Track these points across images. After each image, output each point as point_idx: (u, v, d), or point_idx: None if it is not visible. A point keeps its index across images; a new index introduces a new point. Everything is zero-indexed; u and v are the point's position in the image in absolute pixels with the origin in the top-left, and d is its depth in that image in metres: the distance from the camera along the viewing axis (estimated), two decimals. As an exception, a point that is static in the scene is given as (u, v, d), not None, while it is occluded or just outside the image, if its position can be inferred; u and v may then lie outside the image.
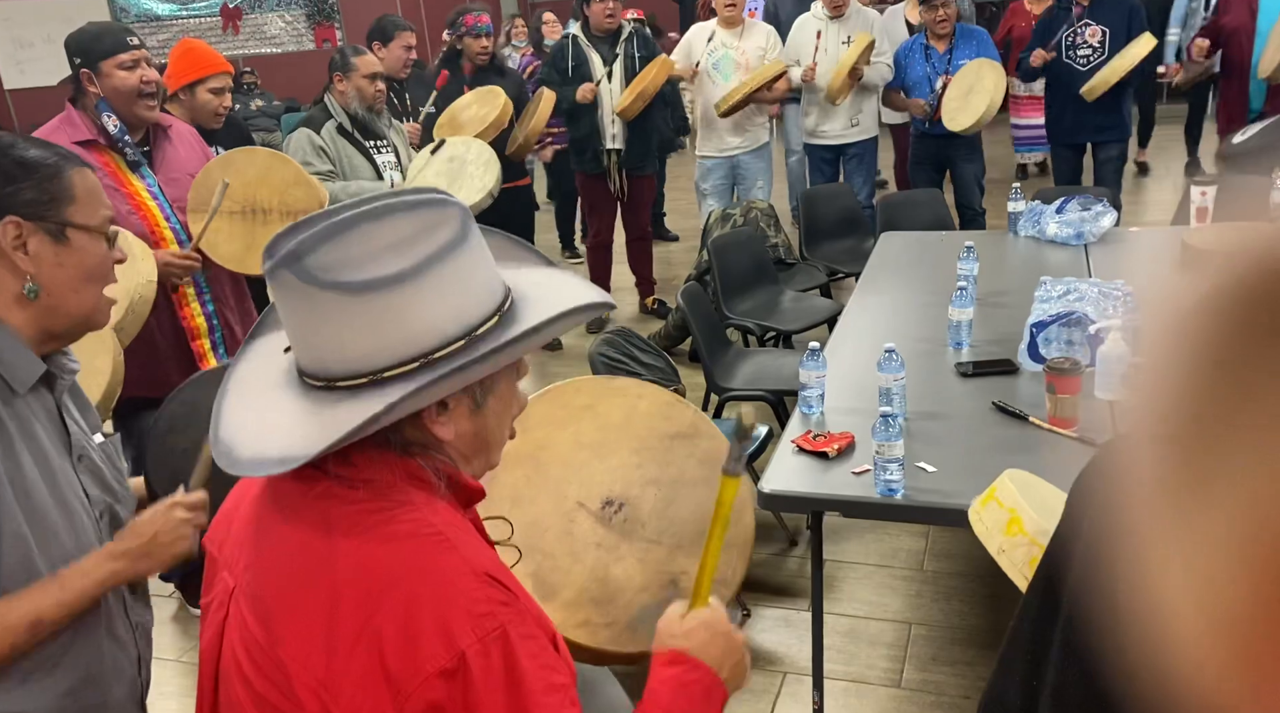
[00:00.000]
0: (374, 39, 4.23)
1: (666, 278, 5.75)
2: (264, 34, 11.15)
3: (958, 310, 2.84)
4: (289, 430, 0.93)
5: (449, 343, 0.92)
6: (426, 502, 0.95)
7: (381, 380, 0.91)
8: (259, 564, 0.98)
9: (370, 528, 0.92)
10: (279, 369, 1.00)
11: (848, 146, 5.22)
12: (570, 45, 4.86)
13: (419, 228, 0.91)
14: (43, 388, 1.31)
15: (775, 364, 3.68)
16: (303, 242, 0.90)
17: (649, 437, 1.83)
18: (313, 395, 0.94)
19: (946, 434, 2.38)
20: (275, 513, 0.98)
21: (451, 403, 0.96)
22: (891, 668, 2.65)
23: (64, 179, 1.29)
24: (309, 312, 0.91)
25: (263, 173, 2.80)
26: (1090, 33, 4.85)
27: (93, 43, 2.59)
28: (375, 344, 0.90)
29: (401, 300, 0.89)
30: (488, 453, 1.04)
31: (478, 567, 0.92)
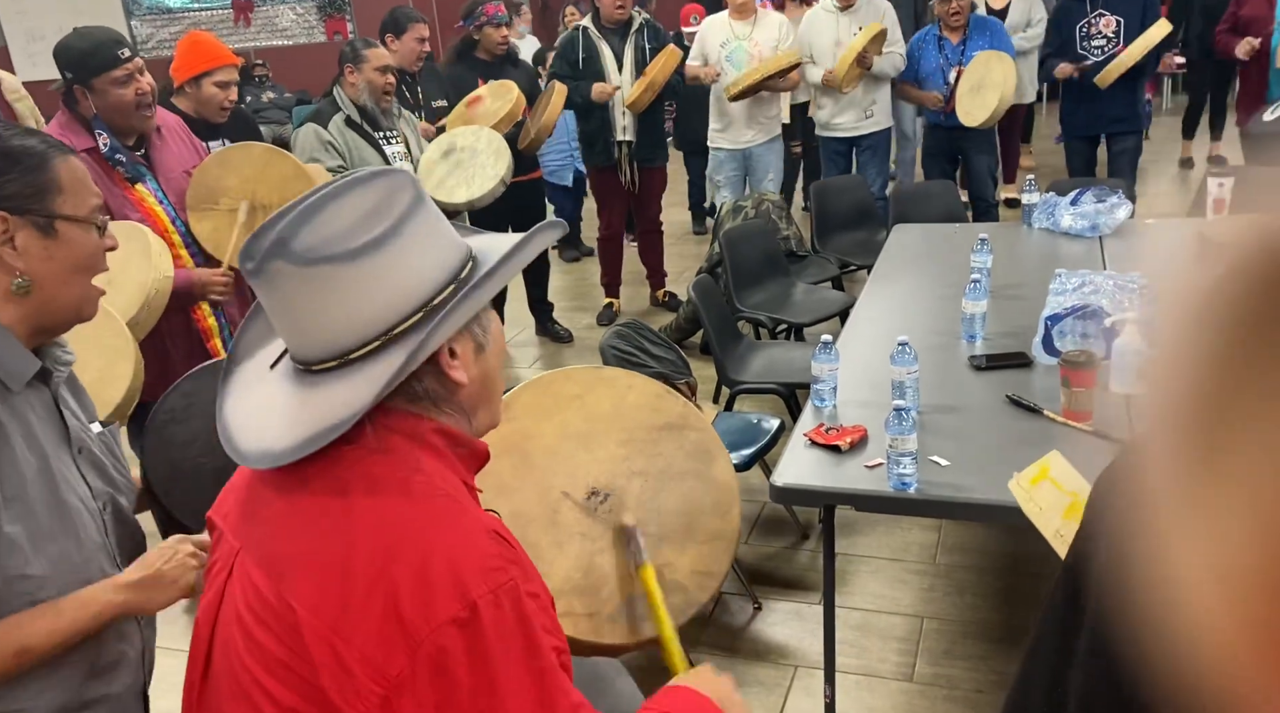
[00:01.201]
0: (387, 31, 4.22)
1: (678, 271, 5.74)
2: (275, 26, 11.15)
3: (971, 303, 2.82)
4: (315, 410, 0.96)
5: (442, 288, 0.98)
6: (436, 469, 0.98)
7: (394, 337, 0.96)
8: (269, 524, 1.00)
9: (386, 488, 0.95)
10: (274, 379, 1.03)
11: (861, 138, 5.19)
12: (580, 37, 4.85)
13: (381, 195, 0.97)
14: (38, 382, 1.29)
15: (787, 357, 3.67)
16: (282, 230, 0.93)
17: (637, 428, 1.82)
18: (325, 378, 0.97)
19: (960, 428, 2.37)
20: (287, 479, 1.00)
21: (459, 348, 1.01)
22: (903, 662, 2.64)
23: (49, 169, 1.26)
24: (308, 294, 0.94)
25: (260, 169, 2.78)
26: (1105, 23, 4.81)
27: (84, 58, 2.52)
28: (380, 304, 0.95)
29: (392, 258, 0.95)
30: (494, 401, 1.09)
31: (488, 525, 0.96)
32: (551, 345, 5.13)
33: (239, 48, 10.37)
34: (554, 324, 5.19)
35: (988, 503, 2.09)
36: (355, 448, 0.97)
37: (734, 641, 2.79)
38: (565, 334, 5.15)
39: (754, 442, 3.05)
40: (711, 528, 1.78)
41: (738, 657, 2.72)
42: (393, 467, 0.96)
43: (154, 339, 2.48)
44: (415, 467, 0.97)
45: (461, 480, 1.02)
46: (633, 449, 1.81)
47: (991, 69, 4.62)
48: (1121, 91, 4.76)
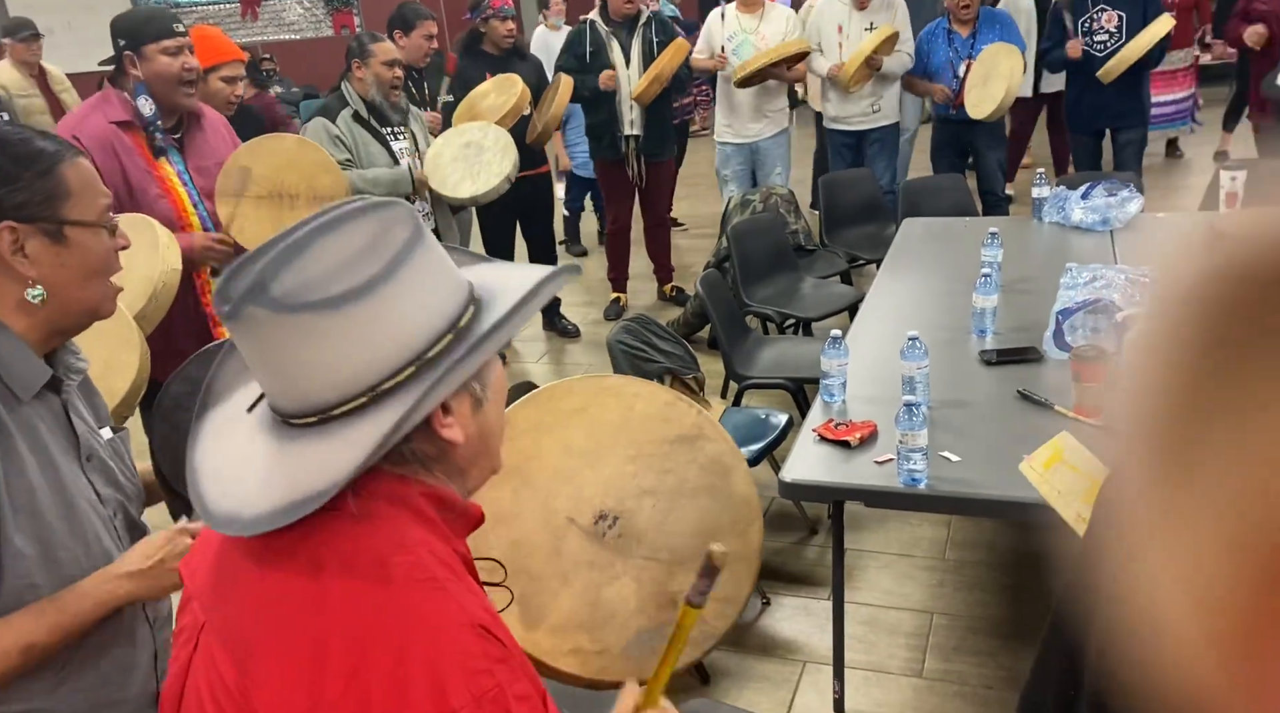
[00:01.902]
0: (395, 28, 4.21)
1: (685, 265, 5.73)
2: (282, 20, 11.15)
3: (982, 297, 2.81)
4: (290, 474, 0.86)
5: (439, 339, 0.87)
6: (424, 541, 0.88)
7: (381, 394, 0.86)
8: (236, 601, 0.91)
9: (362, 570, 0.85)
10: (248, 428, 0.93)
11: (869, 132, 5.17)
12: (588, 31, 4.83)
13: (374, 232, 0.86)
14: (48, 391, 1.28)
15: (795, 352, 3.66)
16: (262, 272, 0.84)
17: (646, 441, 1.71)
18: (304, 435, 0.87)
19: (970, 423, 2.35)
20: (258, 548, 0.91)
21: (454, 404, 0.91)
22: (913, 658, 2.63)
23: (56, 175, 1.24)
24: (287, 344, 0.84)
25: (291, 158, 2.83)
26: (1106, 18, 4.78)
27: (140, 26, 2.61)
28: (367, 357, 0.85)
29: (382, 305, 0.85)
30: (492, 454, 0.99)
31: (474, 618, 0.85)
32: (558, 340, 5.12)
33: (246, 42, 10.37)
34: (561, 319, 5.18)
35: (998, 499, 2.08)
36: (333, 516, 0.87)
37: (742, 636, 2.78)
38: (573, 329, 5.14)
39: (762, 437, 3.04)
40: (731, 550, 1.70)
41: (746, 652, 2.72)
42: (373, 541, 0.87)
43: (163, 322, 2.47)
44: (399, 542, 0.87)
45: (453, 550, 0.92)
46: (642, 465, 1.70)
47: (999, 61, 4.60)
48: (1125, 85, 4.73)
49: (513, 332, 0.93)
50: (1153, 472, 0.32)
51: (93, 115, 2.59)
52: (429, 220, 3.72)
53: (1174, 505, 0.32)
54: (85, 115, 2.63)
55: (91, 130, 2.55)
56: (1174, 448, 0.32)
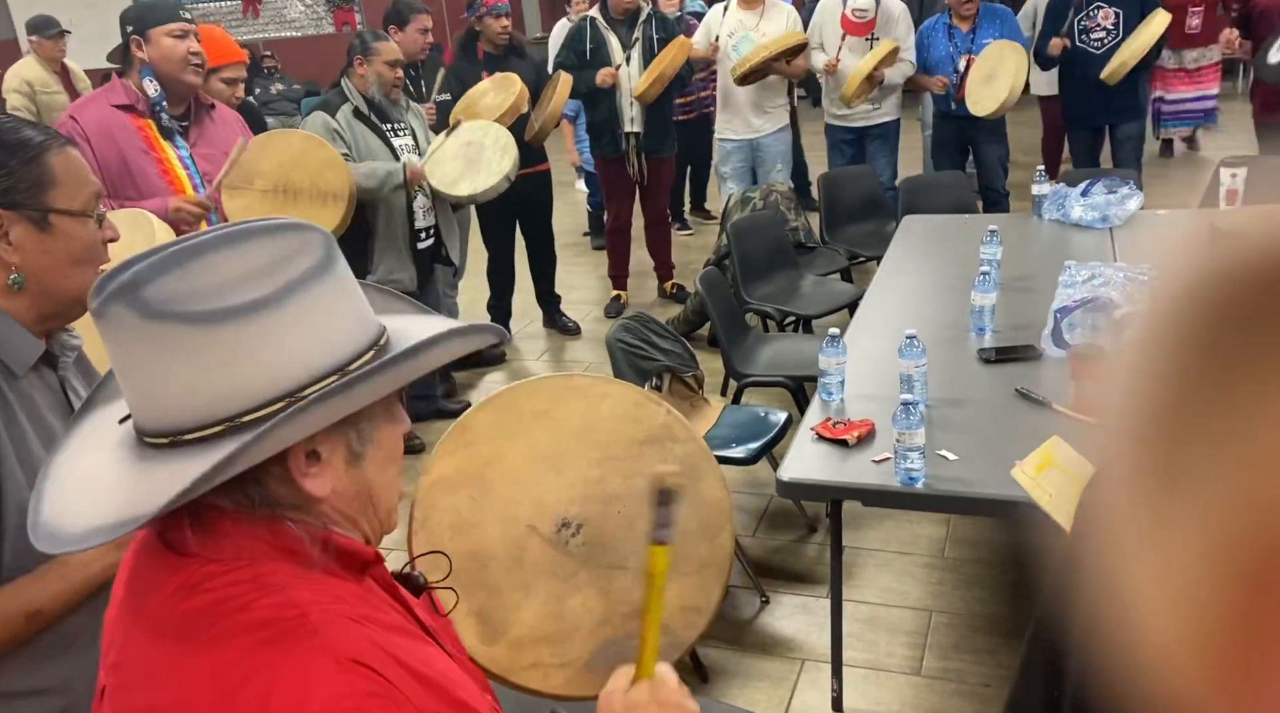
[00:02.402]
0: (390, 22, 4.21)
1: (685, 262, 5.72)
2: (284, 18, 11.15)
3: (980, 295, 2.80)
4: (128, 495, 0.80)
5: (318, 379, 0.79)
6: (296, 578, 0.81)
7: (239, 425, 0.77)
8: (121, 667, 0.86)
9: (224, 618, 0.79)
10: (114, 439, 0.87)
11: (870, 128, 5.16)
12: (588, 27, 4.82)
13: (277, 254, 0.79)
14: (45, 367, 1.31)
15: (795, 349, 3.65)
16: (140, 271, 0.77)
17: (613, 444, 1.61)
18: (155, 455, 0.81)
19: (968, 422, 2.35)
20: (137, 607, 0.85)
21: (325, 451, 0.82)
22: (911, 656, 2.63)
23: (43, 163, 1.24)
24: (148, 352, 0.78)
25: (299, 154, 2.89)
26: (1102, 15, 4.77)
27: (147, 12, 2.69)
28: (230, 385, 0.77)
29: (259, 331, 0.77)
30: (377, 513, 0.90)
31: (343, 652, 0.77)
32: (559, 337, 5.12)
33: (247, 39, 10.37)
34: (561, 316, 5.18)
35: (996, 497, 2.08)
36: (196, 560, 0.81)
37: (741, 634, 2.78)
38: (573, 326, 5.14)
39: (761, 435, 3.04)
40: (699, 556, 1.59)
41: (745, 650, 2.72)
42: (234, 587, 0.80)
43: None
44: (261, 585, 0.80)
45: (335, 579, 0.85)
46: (609, 469, 1.61)
47: (1005, 59, 4.58)
48: (1121, 82, 4.72)
49: (397, 383, 0.84)
50: (1140, 472, 0.32)
51: (95, 100, 2.68)
52: (429, 216, 3.72)
53: (1161, 507, 0.32)
54: (87, 101, 2.73)
55: (91, 113, 2.62)
56: (1162, 449, 0.32)
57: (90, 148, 2.55)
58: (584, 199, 6.64)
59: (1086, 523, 0.36)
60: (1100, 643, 0.34)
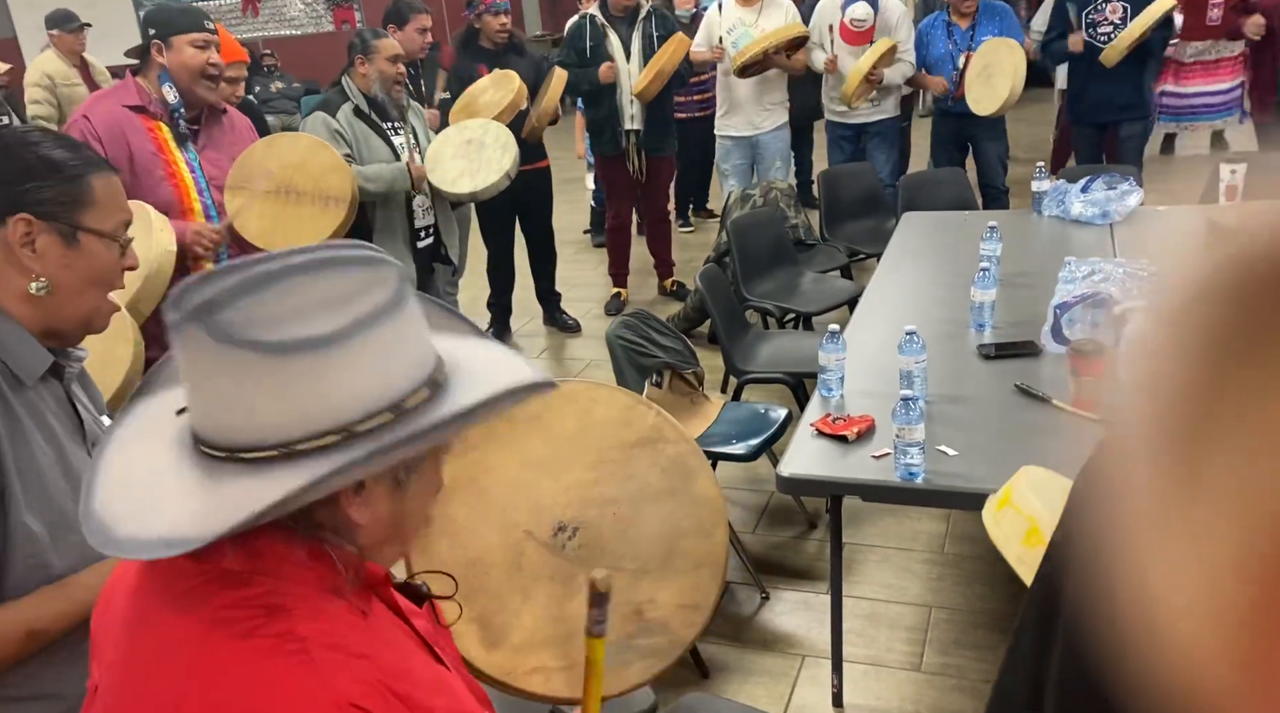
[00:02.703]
0: (389, 21, 4.21)
1: (686, 260, 5.73)
2: (283, 16, 11.15)
3: (980, 292, 2.81)
4: (179, 506, 0.81)
5: (373, 415, 0.81)
6: (310, 604, 0.83)
7: (293, 454, 0.79)
8: (122, 666, 0.87)
9: (227, 639, 0.80)
10: (169, 434, 0.88)
11: (869, 125, 5.16)
12: (588, 25, 4.82)
13: (354, 287, 0.81)
14: (51, 378, 1.32)
15: (795, 346, 3.66)
16: (220, 293, 0.79)
17: (606, 447, 1.63)
18: (210, 466, 0.82)
19: (968, 417, 2.36)
20: (148, 605, 0.86)
21: (370, 484, 0.85)
22: (911, 651, 2.64)
23: (85, 182, 1.29)
24: (217, 373, 0.80)
25: (303, 157, 2.92)
26: (1111, 8, 4.77)
27: (173, 17, 2.71)
28: (290, 412, 0.79)
29: (325, 365, 0.79)
30: (404, 540, 0.93)
31: (342, 694, 0.78)
32: (559, 335, 5.12)
33: (247, 37, 10.37)
34: (561, 314, 5.18)
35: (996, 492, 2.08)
36: (211, 568, 0.83)
37: (741, 630, 2.79)
38: (573, 324, 5.14)
39: (761, 431, 3.05)
40: (696, 554, 1.61)
41: (745, 646, 2.73)
42: (246, 606, 0.81)
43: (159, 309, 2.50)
44: (271, 608, 0.81)
45: (351, 608, 0.86)
46: (603, 472, 1.62)
47: (1001, 57, 4.59)
48: (1128, 78, 4.72)
49: (455, 433, 0.86)
50: (1161, 470, 0.32)
51: (107, 98, 2.69)
52: (428, 215, 3.73)
53: (1183, 504, 0.31)
54: (100, 98, 2.73)
55: (102, 111, 2.63)
56: (1183, 446, 0.31)
57: (101, 147, 2.55)
58: (590, 195, 6.63)
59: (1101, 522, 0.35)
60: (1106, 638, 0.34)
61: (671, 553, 1.58)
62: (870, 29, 4.87)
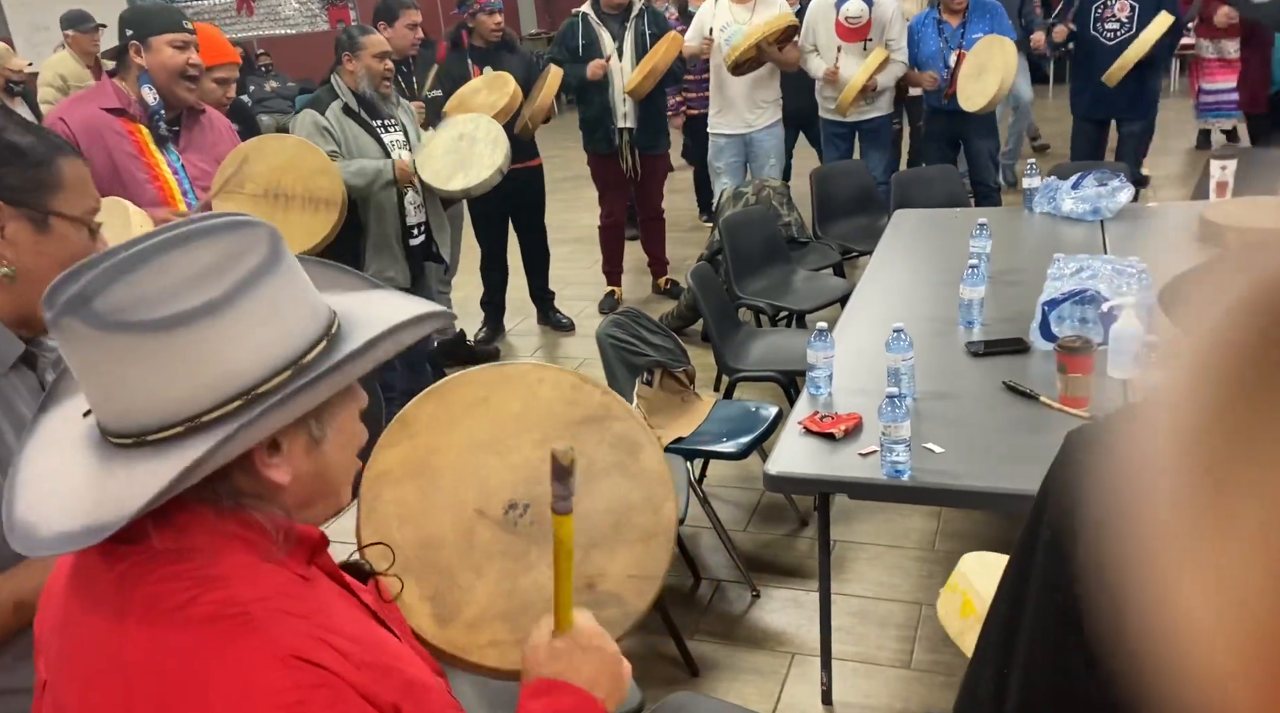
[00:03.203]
0: (379, 18, 4.21)
1: (680, 258, 5.72)
2: (278, 15, 11.14)
3: (969, 289, 2.81)
4: (97, 496, 0.81)
5: (274, 374, 0.81)
6: (247, 571, 0.83)
7: (201, 425, 0.80)
8: (61, 659, 0.87)
9: (167, 613, 0.80)
10: (77, 437, 0.88)
11: (863, 123, 5.16)
12: (580, 23, 4.82)
13: (224, 253, 0.81)
14: (24, 367, 1.32)
15: (787, 344, 3.65)
16: (89, 283, 0.78)
17: (552, 426, 1.63)
18: (120, 455, 0.82)
19: (956, 414, 2.36)
20: (77, 596, 0.87)
21: (285, 442, 0.85)
22: (901, 649, 2.64)
23: (53, 166, 1.28)
24: (106, 361, 0.79)
25: (291, 159, 2.89)
26: (1119, 6, 4.77)
27: (149, 18, 2.67)
28: (189, 386, 0.79)
29: (214, 333, 0.79)
30: (334, 494, 0.93)
31: (285, 648, 0.79)
32: (553, 334, 5.12)
33: (241, 37, 10.36)
34: (555, 313, 5.18)
35: (982, 490, 2.08)
36: (141, 550, 0.82)
37: (731, 628, 2.79)
38: (567, 323, 5.14)
39: (752, 429, 3.05)
40: (644, 526, 1.62)
41: (735, 644, 2.73)
42: (180, 580, 0.81)
43: None
44: (206, 579, 0.81)
45: (290, 574, 0.86)
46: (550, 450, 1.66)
47: (993, 54, 4.59)
48: (1130, 76, 4.72)
49: (353, 375, 0.86)
50: (1190, 486, 0.32)
51: (84, 101, 2.65)
52: (420, 213, 3.72)
53: (1211, 521, 0.31)
54: (76, 101, 2.70)
55: (80, 115, 2.59)
56: (1213, 463, 0.31)
57: (79, 149, 2.55)
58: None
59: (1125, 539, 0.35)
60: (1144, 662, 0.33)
61: (620, 525, 1.59)
62: (866, 24, 4.88)
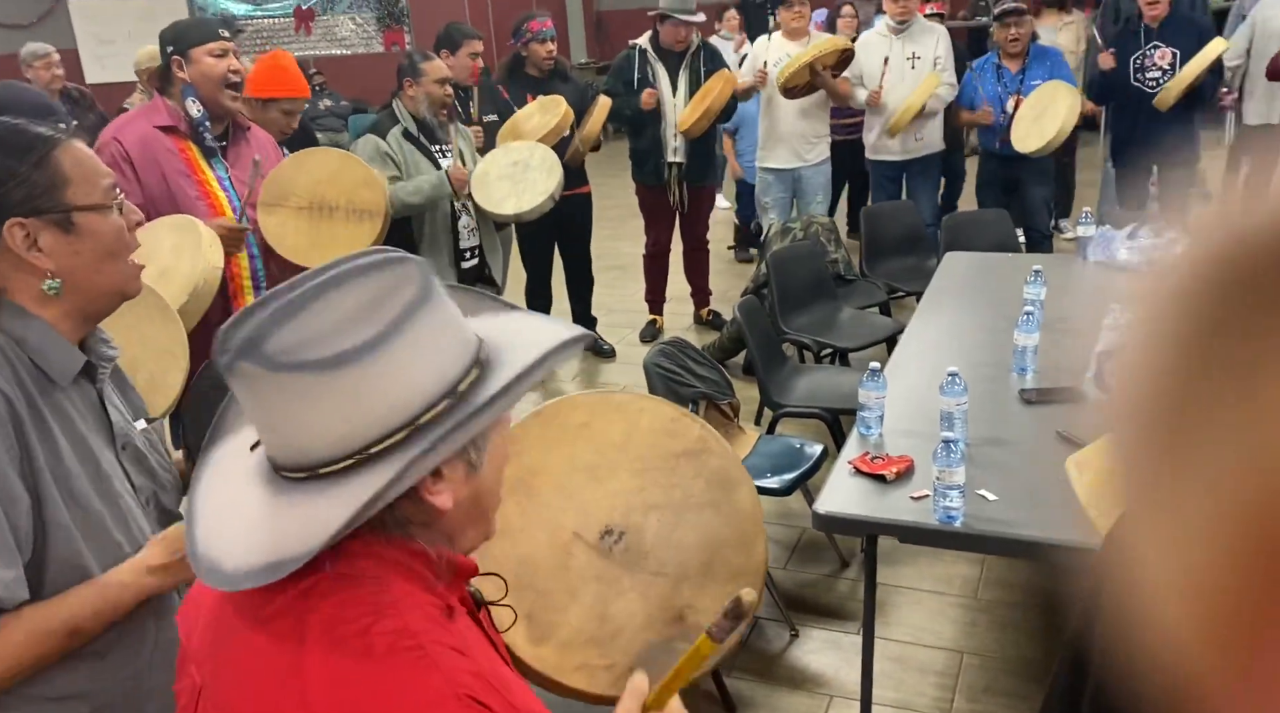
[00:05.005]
0: (442, 47, 4.29)
1: (722, 290, 5.73)
2: (335, 35, 11.37)
3: (1023, 335, 2.79)
4: (275, 530, 0.85)
5: (434, 403, 0.85)
6: (407, 597, 0.86)
7: (370, 457, 0.83)
8: (224, 669, 0.90)
9: (345, 640, 0.82)
10: (248, 470, 0.92)
11: (911, 162, 5.16)
12: (637, 57, 4.88)
13: (380, 291, 0.85)
14: (83, 379, 1.30)
15: (832, 382, 3.64)
16: (258, 327, 0.82)
17: (652, 456, 1.68)
18: (294, 489, 0.86)
19: (1008, 462, 2.33)
20: (240, 615, 0.89)
21: (446, 470, 0.88)
22: (941, 697, 2.60)
23: (52, 163, 1.22)
24: (278, 400, 0.83)
25: (334, 173, 2.91)
26: (1160, 55, 4.75)
27: (187, 31, 2.73)
28: (357, 420, 0.83)
29: (376, 368, 0.82)
30: (485, 520, 0.97)
31: (459, 687, 0.82)
32: (594, 360, 5.14)
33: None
34: (597, 339, 5.20)
35: (1035, 540, 2.05)
36: (318, 577, 0.86)
37: (769, 667, 2.76)
38: (608, 349, 5.16)
39: (796, 467, 3.03)
40: (734, 565, 1.64)
41: (773, 683, 2.70)
42: (356, 608, 0.84)
43: None
44: (381, 605, 0.84)
45: (444, 605, 0.89)
46: (648, 480, 1.66)
47: (1058, 100, 4.58)
48: (1177, 121, 4.68)
49: (513, 401, 0.89)
50: (1147, 451, 0.32)
51: (136, 120, 2.69)
52: (473, 236, 3.77)
53: (1169, 485, 0.31)
54: (130, 119, 2.73)
55: (133, 133, 2.64)
56: (1170, 426, 0.31)
57: (133, 169, 2.57)
58: (726, 215, 6.66)
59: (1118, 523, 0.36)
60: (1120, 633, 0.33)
61: (712, 562, 1.60)
62: None
